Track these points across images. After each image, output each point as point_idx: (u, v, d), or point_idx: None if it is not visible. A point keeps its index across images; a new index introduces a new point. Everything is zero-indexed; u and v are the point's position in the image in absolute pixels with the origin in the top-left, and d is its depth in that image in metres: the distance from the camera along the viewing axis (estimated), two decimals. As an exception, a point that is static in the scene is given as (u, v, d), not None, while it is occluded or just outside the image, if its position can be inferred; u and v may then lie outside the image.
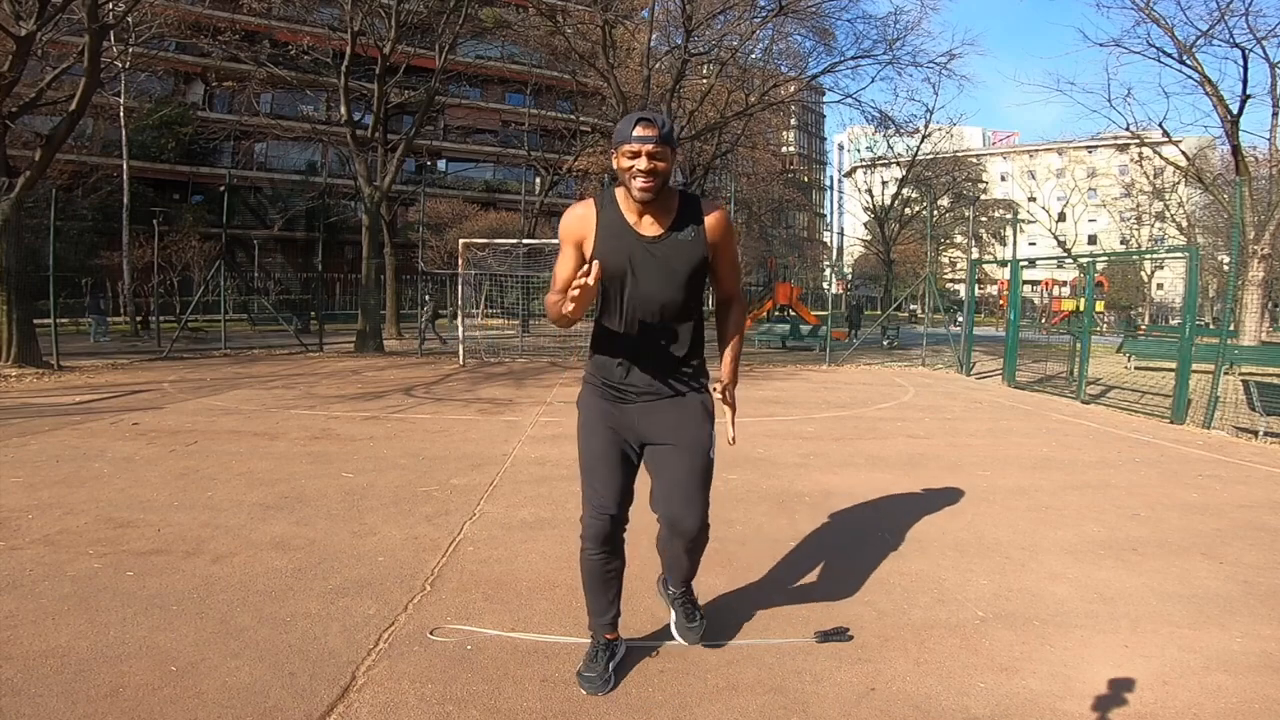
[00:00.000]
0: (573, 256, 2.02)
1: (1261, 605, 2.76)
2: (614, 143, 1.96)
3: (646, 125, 1.88)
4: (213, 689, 1.97)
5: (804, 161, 54.26)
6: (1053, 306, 29.74)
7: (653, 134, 1.87)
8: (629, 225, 2.00)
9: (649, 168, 1.88)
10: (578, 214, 2.04)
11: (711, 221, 2.03)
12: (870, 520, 3.76)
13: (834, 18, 17.36)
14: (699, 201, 2.06)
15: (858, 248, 46.63)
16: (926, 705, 2.00)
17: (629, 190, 1.93)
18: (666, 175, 1.94)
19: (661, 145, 1.88)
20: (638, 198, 1.93)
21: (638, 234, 1.99)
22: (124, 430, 5.65)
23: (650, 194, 1.92)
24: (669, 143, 1.91)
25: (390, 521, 3.51)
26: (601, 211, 2.02)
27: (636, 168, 1.89)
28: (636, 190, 1.91)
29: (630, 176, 1.91)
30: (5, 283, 9.56)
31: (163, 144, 26.71)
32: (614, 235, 1.99)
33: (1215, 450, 6.12)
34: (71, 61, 11.20)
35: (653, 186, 1.91)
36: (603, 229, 2.00)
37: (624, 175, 1.92)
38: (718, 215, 2.04)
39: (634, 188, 1.91)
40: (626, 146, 1.89)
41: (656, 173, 1.90)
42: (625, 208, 2.01)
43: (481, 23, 20.52)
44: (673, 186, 2.02)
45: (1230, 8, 14.62)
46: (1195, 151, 21.16)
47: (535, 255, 16.78)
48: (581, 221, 2.02)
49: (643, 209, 1.98)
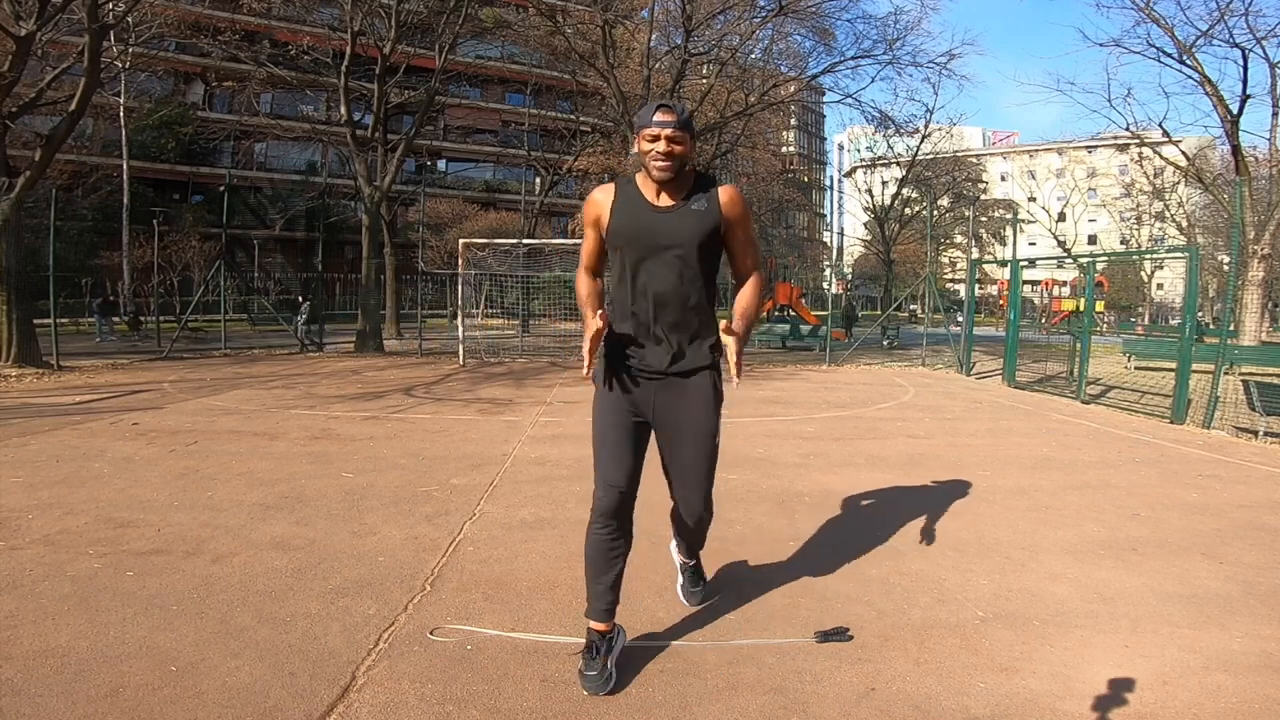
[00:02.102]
0: (593, 237, 2.21)
1: (1261, 605, 2.76)
2: (636, 128, 2.11)
3: (666, 111, 2.04)
4: (213, 689, 1.97)
5: (804, 161, 54.25)
6: (1053, 306, 29.75)
7: (672, 119, 2.02)
8: (644, 198, 2.14)
9: (667, 150, 2.03)
10: (597, 197, 2.19)
11: (724, 195, 2.13)
12: (870, 520, 3.76)
13: (834, 18, 17.37)
14: (714, 179, 2.20)
15: (858, 248, 46.64)
16: (926, 705, 2.00)
17: (649, 171, 2.08)
18: (684, 158, 2.07)
19: (680, 130, 2.03)
20: (656, 177, 2.07)
21: (652, 205, 2.13)
22: (124, 430, 5.64)
23: (668, 173, 2.06)
24: (687, 128, 2.06)
25: (390, 521, 3.51)
26: (620, 190, 2.17)
27: (656, 149, 2.03)
28: (655, 170, 2.06)
29: (650, 158, 2.05)
30: (5, 283, 9.56)
31: (163, 144, 26.73)
32: (629, 206, 2.14)
33: (1215, 450, 6.12)
34: (71, 61, 11.20)
35: (670, 167, 2.05)
36: (619, 203, 2.15)
37: (644, 157, 2.07)
38: (730, 189, 2.16)
39: (653, 169, 2.06)
40: (647, 130, 2.04)
41: (674, 155, 2.04)
42: (643, 186, 2.15)
43: (481, 23, 20.51)
44: (688, 170, 2.15)
45: (1230, 8, 14.65)
46: (1195, 151, 21.16)
47: (535, 255, 16.79)
48: (599, 203, 2.17)
49: (660, 187, 2.12)
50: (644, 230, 2.09)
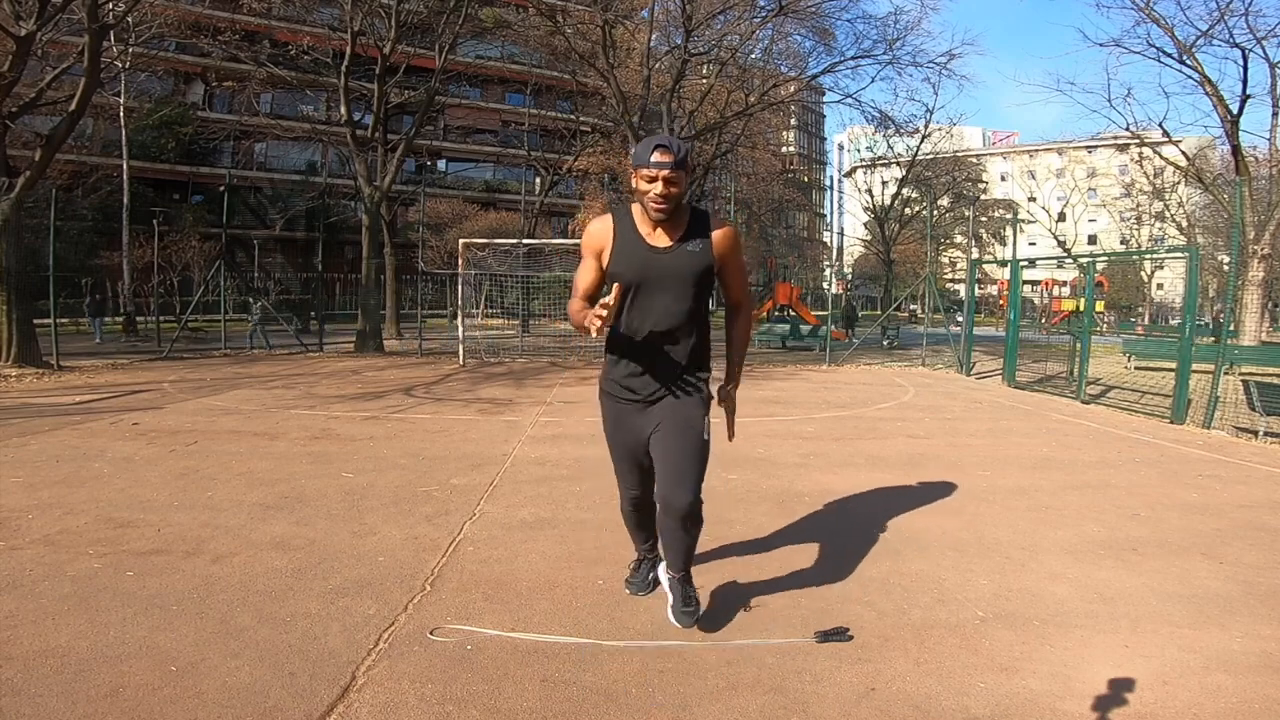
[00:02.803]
0: (593, 267, 2.23)
1: (1261, 605, 2.76)
2: (633, 164, 2.15)
3: (664, 151, 2.06)
4: (213, 689, 1.97)
5: (804, 161, 54.28)
6: (1053, 306, 29.75)
7: (669, 160, 2.06)
8: (641, 237, 2.19)
9: (665, 192, 2.08)
10: (598, 228, 2.24)
11: (718, 237, 2.21)
12: (870, 520, 3.76)
13: (834, 18, 17.35)
14: (708, 217, 2.25)
15: (858, 248, 46.65)
16: (926, 705, 2.00)
17: (645, 209, 2.13)
18: (680, 196, 2.13)
19: (677, 170, 2.07)
20: (654, 217, 2.13)
21: (649, 245, 2.18)
22: (124, 430, 5.65)
23: (665, 214, 2.12)
24: (683, 167, 2.10)
25: (390, 521, 3.51)
26: (618, 224, 2.21)
27: (654, 191, 2.08)
28: (653, 211, 2.11)
29: (647, 198, 2.10)
30: (5, 283, 9.56)
31: (163, 144, 26.72)
32: (628, 245, 2.19)
33: (1215, 450, 6.12)
34: (71, 61, 11.20)
35: (667, 209, 2.11)
36: (618, 244, 2.20)
37: (641, 196, 2.12)
38: (725, 231, 2.24)
39: (651, 209, 2.11)
40: (645, 170, 2.08)
41: (671, 196, 2.09)
42: (639, 221, 2.20)
43: (481, 23, 20.51)
44: (684, 203, 2.22)
45: (1230, 8, 14.64)
46: (1195, 151, 21.15)
47: (535, 255, 16.79)
48: (601, 235, 2.22)
49: (656, 224, 2.17)
50: (641, 271, 2.16)
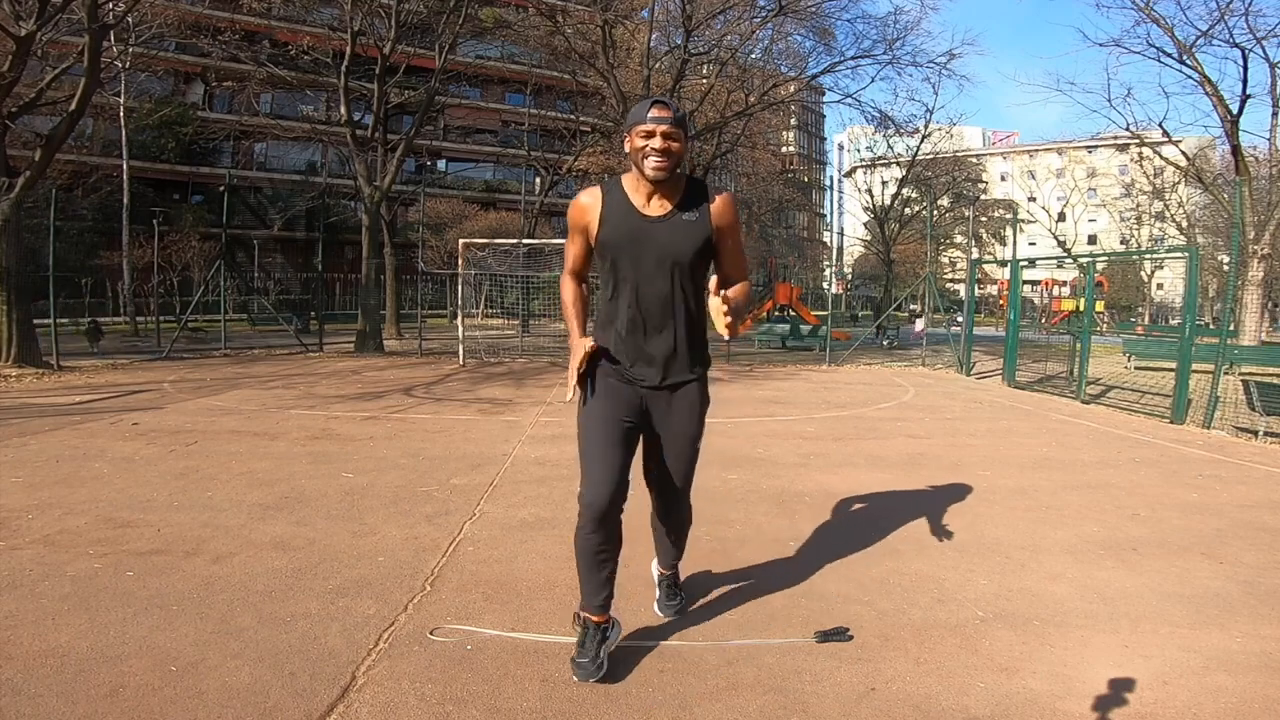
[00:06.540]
0: (580, 242, 2.12)
1: (1261, 605, 2.76)
2: (627, 125, 2.01)
3: (662, 107, 1.94)
4: (213, 689, 1.97)
5: (804, 161, 54.25)
6: (1053, 306, 29.74)
7: (668, 115, 1.93)
8: (634, 206, 2.04)
9: (663, 147, 1.93)
10: (584, 202, 2.08)
11: (718, 204, 2.06)
12: (870, 520, 3.76)
13: (834, 18, 17.40)
14: (705, 186, 2.10)
15: (858, 248, 46.64)
16: (926, 705, 2.00)
17: (641, 171, 1.98)
18: (680, 157, 1.98)
19: (676, 127, 1.94)
20: (651, 176, 1.96)
21: (642, 214, 2.03)
22: (124, 430, 5.64)
23: (664, 173, 1.95)
24: (683, 125, 1.97)
25: (390, 521, 3.51)
26: (607, 195, 2.06)
27: (651, 146, 1.93)
28: (650, 169, 1.95)
29: (643, 156, 1.95)
30: (5, 283, 9.55)
31: (163, 144, 26.73)
32: (619, 215, 2.04)
33: (1215, 450, 6.12)
34: (71, 61, 11.18)
35: (666, 166, 1.95)
36: (608, 211, 2.05)
37: (637, 156, 1.97)
38: (723, 198, 2.08)
39: (647, 167, 1.95)
40: (641, 127, 1.94)
41: (670, 153, 1.94)
42: (631, 190, 2.05)
43: (481, 23, 20.52)
44: (680, 174, 2.07)
45: (1230, 8, 14.62)
46: (1195, 151, 21.15)
47: (535, 255, 16.77)
48: (587, 209, 2.07)
49: (651, 190, 2.02)
50: (634, 241, 2.01)
